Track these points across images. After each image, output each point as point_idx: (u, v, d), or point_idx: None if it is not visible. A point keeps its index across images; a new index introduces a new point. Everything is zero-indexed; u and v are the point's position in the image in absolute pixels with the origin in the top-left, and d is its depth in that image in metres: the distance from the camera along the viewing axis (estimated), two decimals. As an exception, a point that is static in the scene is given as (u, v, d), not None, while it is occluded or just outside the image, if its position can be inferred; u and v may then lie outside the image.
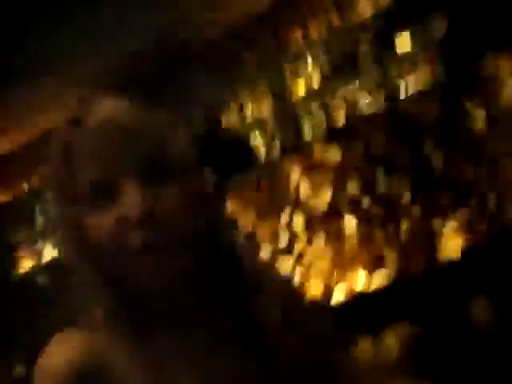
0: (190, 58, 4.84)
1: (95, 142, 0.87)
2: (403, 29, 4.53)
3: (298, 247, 4.55)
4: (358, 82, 4.83)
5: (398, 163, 4.39)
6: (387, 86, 4.70)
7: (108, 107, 0.90)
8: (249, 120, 5.21)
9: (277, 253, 4.71)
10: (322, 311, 1.12)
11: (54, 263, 5.81)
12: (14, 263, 6.08)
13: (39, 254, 6.07)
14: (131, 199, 0.84)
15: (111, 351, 0.84)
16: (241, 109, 5.25)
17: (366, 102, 4.73)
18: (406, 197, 4.37)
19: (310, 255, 4.59)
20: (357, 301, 4.38)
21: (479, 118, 4.18)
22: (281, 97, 5.04)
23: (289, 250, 4.69)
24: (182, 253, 0.85)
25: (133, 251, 0.83)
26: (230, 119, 5.14)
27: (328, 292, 4.46)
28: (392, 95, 4.65)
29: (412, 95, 4.53)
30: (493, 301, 3.76)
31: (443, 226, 4.28)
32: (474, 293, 3.84)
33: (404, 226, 4.39)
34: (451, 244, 4.27)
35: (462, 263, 4.14)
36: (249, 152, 4.99)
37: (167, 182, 0.87)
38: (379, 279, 4.44)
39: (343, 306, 4.32)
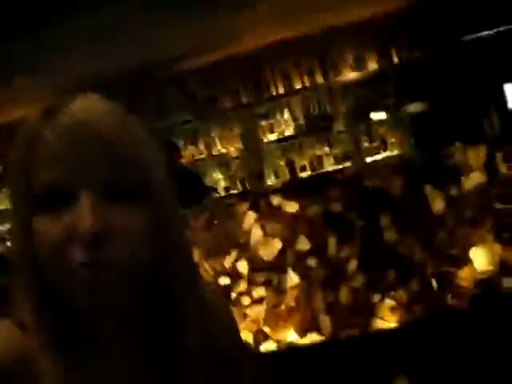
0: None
1: (63, 140, 0.78)
2: (378, 107, 4.64)
3: (238, 289, 4.51)
4: (327, 147, 4.90)
5: (352, 229, 4.41)
6: (355, 155, 4.78)
7: (85, 105, 0.81)
8: (213, 155, 5.21)
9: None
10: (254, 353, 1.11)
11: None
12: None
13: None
14: (84, 212, 0.77)
15: (35, 351, 0.78)
16: (208, 144, 5.27)
17: (331, 166, 4.80)
18: (353, 264, 4.39)
19: (249, 300, 4.56)
20: (286, 353, 4.36)
21: (438, 201, 4.27)
22: (251, 139, 5.07)
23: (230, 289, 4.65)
24: (121, 278, 0.80)
25: (72, 265, 0.78)
26: (193, 152, 5.13)
27: (259, 339, 4.43)
28: (358, 164, 4.72)
29: (378, 167, 4.60)
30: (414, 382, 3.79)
31: (381, 301, 4.32)
32: (398, 371, 3.87)
33: (344, 292, 4.40)
34: (386, 320, 4.31)
35: (392, 340, 4.18)
36: (203, 188, 4.98)
37: (129, 202, 0.80)
38: (310, 339, 4.44)
39: (272, 355, 4.29)
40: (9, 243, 5.65)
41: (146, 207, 0.81)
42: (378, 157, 4.66)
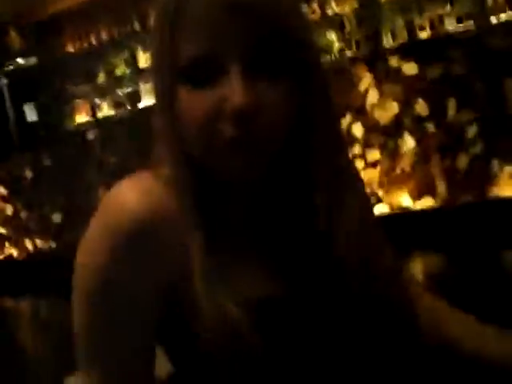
0: None
1: (213, 6, 0.73)
2: None
3: (352, 152, 4.48)
4: (449, 6, 4.62)
5: (473, 95, 4.23)
6: (479, 14, 4.49)
7: None
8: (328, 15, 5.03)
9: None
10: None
11: (107, 121, 5.89)
12: (69, 113, 6.16)
13: (94, 110, 6.13)
14: (236, 86, 0.72)
15: (178, 210, 0.78)
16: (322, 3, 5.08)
17: (453, 26, 4.54)
18: (472, 131, 4.25)
19: (363, 163, 4.54)
20: (398, 217, 4.38)
21: None
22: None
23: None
24: (265, 154, 0.77)
25: (220, 140, 0.75)
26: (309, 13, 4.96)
27: (373, 202, 4.45)
28: (482, 23, 4.44)
29: (503, 28, 4.31)
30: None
31: (501, 169, 4.19)
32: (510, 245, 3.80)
33: (462, 158, 4.30)
34: (505, 188, 4.20)
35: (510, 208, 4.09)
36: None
37: (276, 77, 0.75)
38: (423, 204, 4.42)
39: (385, 218, 4.31)
40: (129, 107, 5.87)
41: (295, 82, 0.76)
42: (504, 16, 4.34)
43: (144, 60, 5.68)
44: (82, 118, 5.97)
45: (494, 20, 4.41)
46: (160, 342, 0.82)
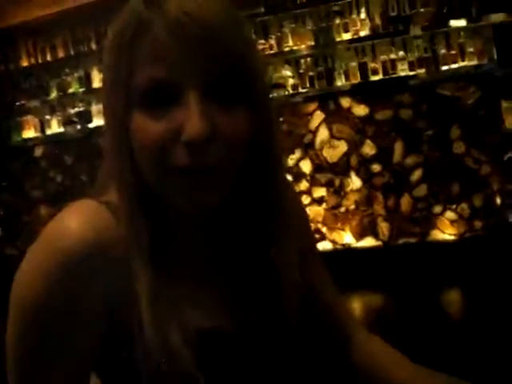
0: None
1: (173, 33, 0.71)
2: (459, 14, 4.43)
3: (299, 188, 4.53)
4: (402, 51, 4.75)
5: (420, 139, 4.34)
6: (431, 61, 4.62)
7: None
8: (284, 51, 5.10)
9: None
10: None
11: (55, 138, 5.80)
12: (17, 128, 6.04)
13: (43, 127, 6.03)
14: (193, 114, 0.71)
15: (122, 235, 0.76)
16: (279, 39, 5.14)
17: (405, 71, 4.65)
18: (417, 174, 4.34)
19: (309, 199, 4.59)
20: (340, 255, 4.43)
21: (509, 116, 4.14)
22: (324, 37, 4.93)
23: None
24: (220, 182, 0.76)
25: (173, 169, 0.73)
26: (263, 47, 5.00)
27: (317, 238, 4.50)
28: (433, 71, 4.57)
29: (453, 76, 4.44)
30: (465, 293, 3.81)
31: (442, 212, 4.29)
32: (448, 284, 3.88)
33: (406, 200, 4.38)
34: (445, 231, 4.29)
35: (449, 252, 4.18)
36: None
37: (232, 105, 0.74)
38: (366, 243, 4.48)
39: (327, 255, 4.34)
40: (79, 126, 5.79)
41: (248, 110, 0.76)
42: (455, 66, 4.47)
43: (98, 80, 5.65)
44: (30, 133, 5.88)
45: (444, 68, 4.53)
46: (97, 372, 0.80)
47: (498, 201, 4.16)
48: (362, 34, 4.86)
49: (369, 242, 4.48)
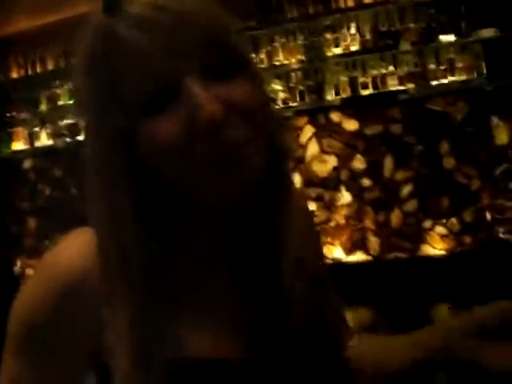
0: None
1: (141, 33, 0.68)
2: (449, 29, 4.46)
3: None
4: (392, 66, 4.77)
5: (410, 154, 4.34)
6: (421, 76, 4.64)
7: None
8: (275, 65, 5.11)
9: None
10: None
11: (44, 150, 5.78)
12: (7, 139, 6.02)
13: (32, 139, 6.02)
14: (197, 98, 0.67)
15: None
16: (269, 53, 5.16)
17: (395, 86, 4.67)
18: (407, 189, 4.35)
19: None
20: (330, 269, 4.41)
21: (503, 133, 4.15)
22: (314, 52, 4.94)
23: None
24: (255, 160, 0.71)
25: (197, 161, 0.68)
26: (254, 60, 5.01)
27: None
28: (423, 86, 4.59)
29: (443, 91, 4.46)
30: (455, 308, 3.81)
31: (432, 227, 4.30)
32: (438, 299, 3.88)
33: (396, 215, 4.39)
34: (435, 246, 4.29)
35: (439, 267, 4.18)
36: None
37: (231, 77, 0.71)
38: (356, 257, 4.47)
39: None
40: (68, 139, 5.76)
41: (245, 79, 0.71)
42: (444, 81, 4.49)
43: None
44: (19, 145, 5.85)
45: (434, 83, 4.55)
46: None
47: (488, 216, 4.17)
48: (353, 48, 4.88)
49: (359, 256, 4.47)
